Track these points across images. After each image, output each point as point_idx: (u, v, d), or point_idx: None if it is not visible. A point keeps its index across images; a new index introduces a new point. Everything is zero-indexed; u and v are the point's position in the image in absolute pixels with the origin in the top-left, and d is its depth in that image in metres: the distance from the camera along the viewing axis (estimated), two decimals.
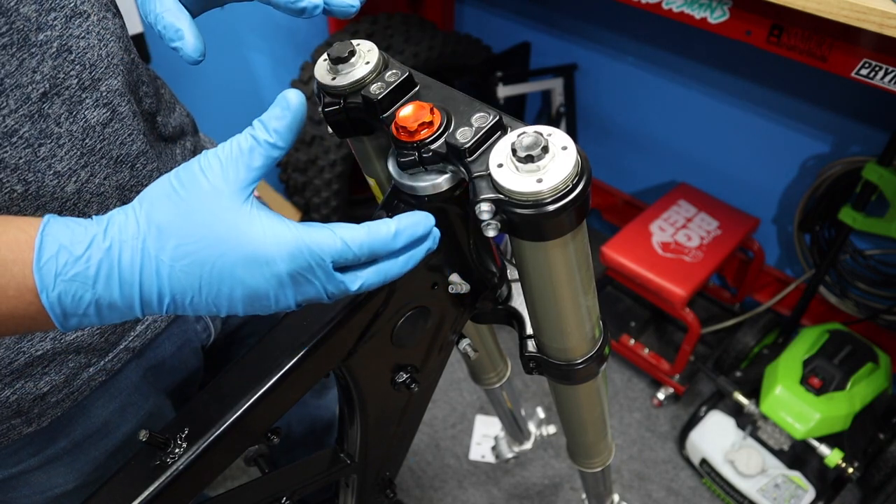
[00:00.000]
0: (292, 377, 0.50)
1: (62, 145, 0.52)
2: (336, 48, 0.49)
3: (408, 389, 0.60)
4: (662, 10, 1.23)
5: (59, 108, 0.51)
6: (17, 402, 0.57)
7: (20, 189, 0.50)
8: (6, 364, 0.55)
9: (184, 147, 0.70)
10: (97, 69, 0.53)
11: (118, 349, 0.63)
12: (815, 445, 1.45)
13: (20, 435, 0.60)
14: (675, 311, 1.62)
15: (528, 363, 0.61)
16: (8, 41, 0.46)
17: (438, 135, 0.44)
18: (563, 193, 0.39)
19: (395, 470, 0.77)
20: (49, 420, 0.61)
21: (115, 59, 0.55)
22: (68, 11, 0.51)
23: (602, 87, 2.01)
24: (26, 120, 0.49)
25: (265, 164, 0.39)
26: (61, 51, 0.50)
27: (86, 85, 0.52)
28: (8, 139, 0.48)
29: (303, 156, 1.90)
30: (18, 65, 0.47)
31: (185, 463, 0.49)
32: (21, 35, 0.47)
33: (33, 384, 0.58)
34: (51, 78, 0.50)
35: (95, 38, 0.53)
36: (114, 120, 0.55)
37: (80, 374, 0.61)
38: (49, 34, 0.49)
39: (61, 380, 0.59)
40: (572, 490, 1.65)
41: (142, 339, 0.65)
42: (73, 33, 0.51)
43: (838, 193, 1.56)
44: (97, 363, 0.62)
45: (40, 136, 0.50)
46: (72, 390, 0.61)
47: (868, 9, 0.92)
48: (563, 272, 0.47)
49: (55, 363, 0.58)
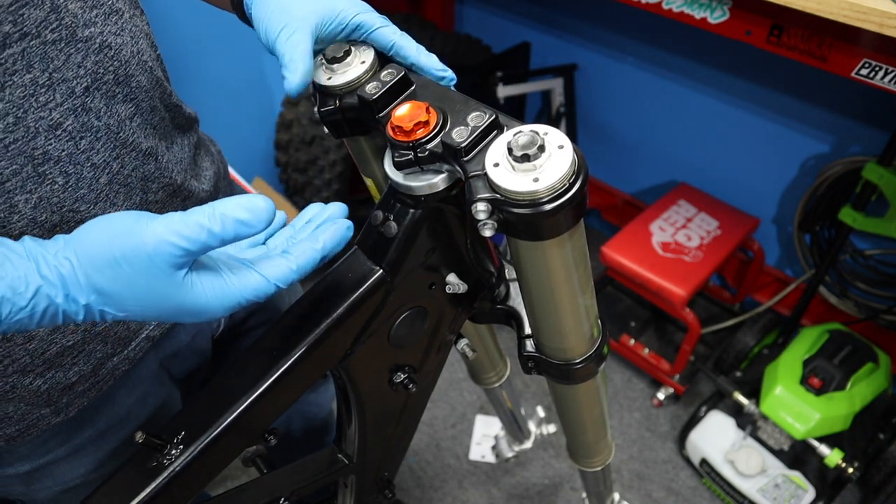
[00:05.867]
0: (289, 378, 0.50)
1: (100, 138, 0.53)
2: (331, 48, 0.49)
3: (406, 389, 0.60)
4: (662, 10, 1.23)
5: (99, 103, 0.53)
6: (47, 391, 0.59)
7: (61, 181, 0.52)
8: (39, 354, 0.56)
9: (191, 140, 0.71)
10: (130, 65, 0.56)
11: (140, 338, 0.65)
12: (815, 445, 1.45)
13: (48, 426, 0.61)
14: (675, 311, 1.62)
15: (527, 363, 0.61)
16: (57, 36, 0.48)
17: (434, 134, 0.44)
18: (559, 192, 0.39)
19: (394, 470, 0.77)
20: (76, 410, 0.62)
21: (144, 55, 0.58)
22: (107, 9, 0.53)
23: (602, 87, 2.01)
24: (70, 113, 0.51)
25: (203, 251, 0.40)
26: (102, 47, 0.52)
27: (120, 80, 0.55)
28: (53, 132, 0.50)
29: (303, 156, 1.90)
30: (66, 59, 0.49)
31: (181, 464, 0.49)
32: (69, 31, 0.49)
33: (63, 374, 0.59)
34: (92, 73, 0.52)
35: (129, 36, 0.56)
36: (139, 114, 0.57)
37: (106, 363, 0.62)
38: (93, 31, 0.51)
39: (88, 370, 0.61)
40: (572, 490, 1.65)
41: (161, 328, 0.67)
42: (111, 30, 0.53)
43: (838, 193, 1.56)
44: (121, 352, 0.63)
45: (82, 130, 0.52)
46: (97, 380, 0.62)
47: (868, 9, 0.92)
48: (560, 271, 0.47)
49: (84, 353, 0.60)
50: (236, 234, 0.39)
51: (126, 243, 0.38)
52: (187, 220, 0.38)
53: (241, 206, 0.39)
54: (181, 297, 0.40)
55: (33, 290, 0.37)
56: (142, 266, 0.38)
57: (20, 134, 0.48)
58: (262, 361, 0.50)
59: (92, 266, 0.39)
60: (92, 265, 0.39)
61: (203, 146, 0.74)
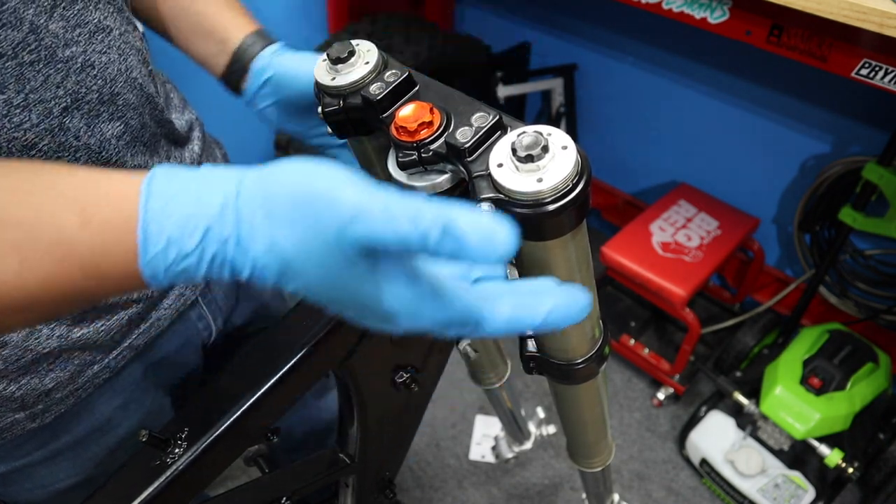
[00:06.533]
0: (292, 377, 0.50)
1: (79, 158, 0.53)
2: (335, 48, 0.49)
3: (408, 389, 0.60)
4: (662, 10, 1.23)
5: (79, 122, 0.52)
6: (21, 397, 0.58)
7: None
8: (13, 361, 0.56)
9: (192, 151, 0.70)
10: (117, 83, 0.54)
11: (122, 347, 0.64)
12: (815, 445, 1.45)
13: (23, 430, 0.60)
14: (675, 311, 1.62)
15: (528, 363, 0.61)
16: (35, 57, 0.47)
17: (438, 135, 0.44)
18: (563, 193, 0.39)
19: (395, 470, 0.77)
20: (52, 416, 0.61)
21: (133, 72, 0.57)
22: (92, 27, 0.52)
23: (602, 87, 2.01)
24: (46, 133, 0.50)
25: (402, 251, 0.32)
26: (85, 66, 0.51)
27: (105, 99, 0.54)
28: (27, 152, 0.49)
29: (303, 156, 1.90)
30: (44, 80, 0.48)
31: (184, 463, 0.49)
32: (49, 51, 0.48)
33: (39, 380, 0.58)
34: (73, 93, 0.51)
35: (116, 53, 0.54)
36: (128, 132, 0.57)
37: (85, 371, 0.61)
38: (74, 50, 0.50)
39: (66, 377, 0.60)
40: (572, 490, 1.65)
41: (145, 336, 0.66)
42: (95, 48, 0.52)
43: (838, 193, 1.56)
44: (101, 360, 0.62)
45: (59, 149, 0.51)
46: (76, 387, 0.61)
47: (868, 9, 0.92)
48: (563, 271, 0.47)
49: (61, 360, 0.59)
50: (453, 254, 0.30)
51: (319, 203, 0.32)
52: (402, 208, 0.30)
53: (477, 228, 0.29)
54: (361, 289, 0.32)
55: (202, 229, 0.32)
56: (326, 235, 0.31)
57: None
58: (266, 360, 0.50)
59: (274, 216, 0.32)
60: (274, 215, 0.32)
61: (207, 150, 0.74)
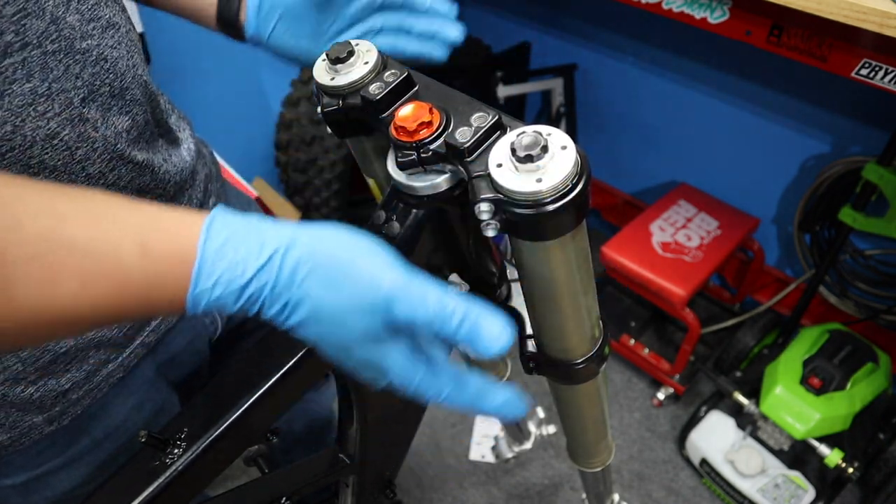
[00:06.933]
0: (292, 377, 0.50)
1: (96, 149, 0.54)
2: (335, 48, 0.49)
3: None
4: (662, 10, 1.23)
5: (96, 114, 0.53)
6: (39, 398, 0.58)
7: None
8: (32, 362, 0.56)
9: (189, 148, 0.71)
10: (126, 78, 0.56)
11: (134, 344, 0.65)
12: (815, 445, 1.45)
13: (41, 434, 0.61)
14: (675, 311, 1.62)
15: (528, 363, 0.61)
16: (57, 47, 0.49)
17: (438, 135, 0.44)
18: (562, 193, 0.39)
19: (395, 470, 0.77)
20: (69, 419, 0.62)
21: (138, 69, 0.58)
22: (104, 22, 0.54)
23: (602, 87, 2.01)
24: (67, 123, 0.51)
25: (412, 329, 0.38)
26: (99, 59, 0.53)
27: (115, 93, 0.55)
28: (50, 142, 0.50)
29: (303, 156, 1.90)
30: (64, 70, 0.50)
31: (184, 463, 0.49)
32: (68, 42, 0.50)
33: (56, 381, 0.59)
34: (89, 84, 0.52)
35: (125, 49, 0.56)
36: (135, 127, 0.58)
37: (100, 370, 0.62)
38: (90, 42, 0.52)
39: (82, 376, 0.60)
40: (572, 490, 1.65)
41: (156, 333, 0.67)
42: (108, 43, 0.54)
43: (838, 193, 1.56)
44: (115, 359, 0.63)
45: (78, 140, 0.52)
46: (91, 387, 0.62)
47: (868, 9, 0.92)
48: (562, 272, 0.47)
49: (77, 360, 0.60)
50: (464, 340, 0.36)
51: (362, 278, 0.37)
52: (435, 295, 0.36)
53: (490, 327, 0.36)
54: (371, 349, 0.38)
55: (250, 275, 0.36)
56: (362, 305, 0.36)
57: (17, 143, 0.48)
58: (265, 360, 0.50)
59: (315, 275, 0.37)
60: (315, 276, 0.37)
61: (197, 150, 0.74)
